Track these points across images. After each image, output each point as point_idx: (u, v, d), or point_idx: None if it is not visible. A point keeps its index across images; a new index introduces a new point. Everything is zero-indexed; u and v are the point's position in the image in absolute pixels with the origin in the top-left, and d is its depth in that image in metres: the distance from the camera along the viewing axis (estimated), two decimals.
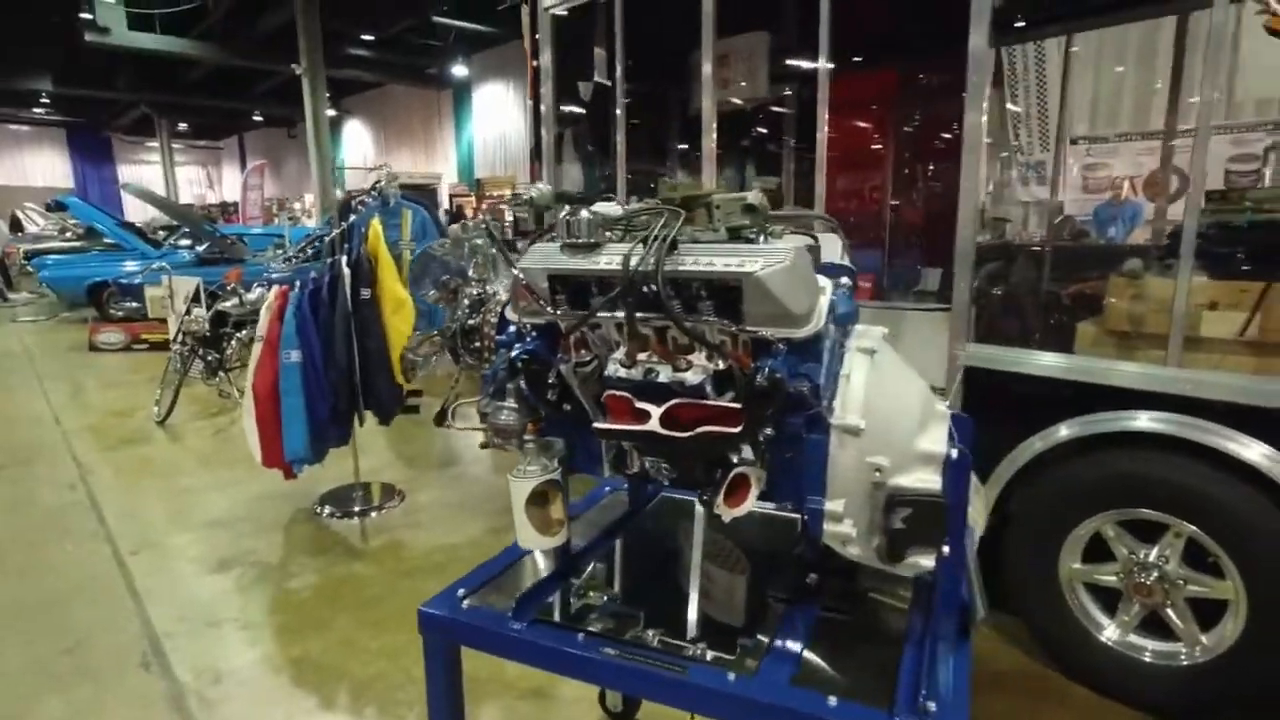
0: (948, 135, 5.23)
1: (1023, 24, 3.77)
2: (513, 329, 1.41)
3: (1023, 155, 7.83)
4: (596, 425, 1.28)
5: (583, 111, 4.50)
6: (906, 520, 1.19)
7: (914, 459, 1.22)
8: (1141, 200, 7.20)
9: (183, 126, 25.25)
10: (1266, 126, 7.75)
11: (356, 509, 3.95)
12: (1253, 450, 2.01)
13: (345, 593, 3.12)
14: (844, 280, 1.43)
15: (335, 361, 3.46)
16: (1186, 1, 3.36)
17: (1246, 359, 2.23)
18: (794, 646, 1.30)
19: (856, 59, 4.85)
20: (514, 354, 1.35)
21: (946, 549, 1.21)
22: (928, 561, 1.22)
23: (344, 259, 3.42)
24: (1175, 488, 2.13)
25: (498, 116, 17.32)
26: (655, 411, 1.20)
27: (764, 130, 5.40)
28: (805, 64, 3.51)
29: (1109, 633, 2.30)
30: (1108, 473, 2.26)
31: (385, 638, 2.75)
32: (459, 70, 17.49)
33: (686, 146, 4.99)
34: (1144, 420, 2.18)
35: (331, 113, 18.42)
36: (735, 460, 1.22)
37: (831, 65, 3.00)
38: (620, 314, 1.21)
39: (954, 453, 1.21)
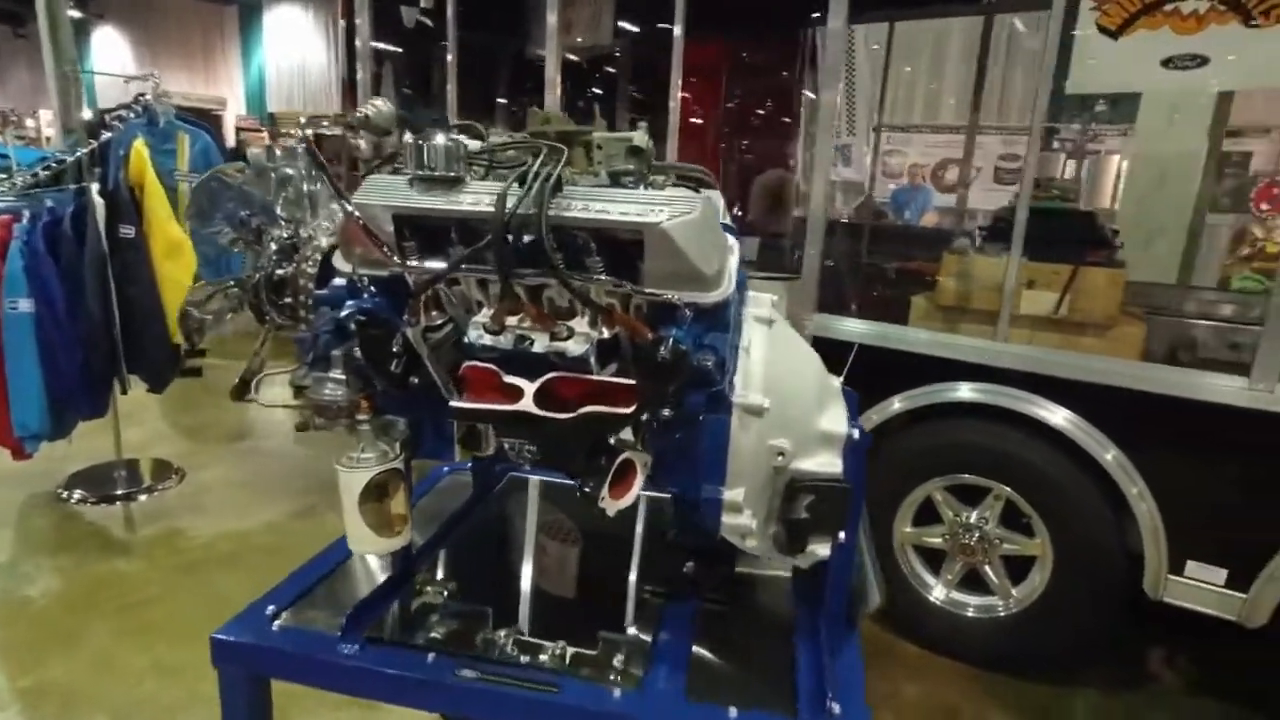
0: (769, 109, 5.42)
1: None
2: (340, 282, 1.12)
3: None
4: (455, 404, 1.03)
5: (399, 50, 4.02)
6: (809, 508, 1.09)
7: (815, 440, 1.12)
8: (931, 186, 7.99)
9: None
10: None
11: (119, 492, 3.29)
12: (1057, 415, 2.21)
13: (102, 597, 2.57)
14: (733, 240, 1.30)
15: (86, 313, 2.79)
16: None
17: (1057, 335, 2.45)
18: (679, 650, 1.17)
19: (701, 27, 4.77)
20: (345, 314, 1.07)
21: (842, 535, 1.13)
22: (824, 550, 1.14)
23: (94, 186, 2.75)
24: (994, 453, 2.31)
25: (295, 43, 15.41)
26: (529, 388, 0.99)
27: (607, 89, 5.18)
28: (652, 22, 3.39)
29: (937, 592, 2.46)
30: (937, 441, 2.40)
31: (158, 650, 2.29)
32: None
33: (508, 99, 4.67)
34: (965, 390, 2.33)
35: (76, 14, 15.36)
36: (613, 443, 1.04)
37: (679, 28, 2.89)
38: (489, 269, 0.98)
39: (855, 433, 1.13)
